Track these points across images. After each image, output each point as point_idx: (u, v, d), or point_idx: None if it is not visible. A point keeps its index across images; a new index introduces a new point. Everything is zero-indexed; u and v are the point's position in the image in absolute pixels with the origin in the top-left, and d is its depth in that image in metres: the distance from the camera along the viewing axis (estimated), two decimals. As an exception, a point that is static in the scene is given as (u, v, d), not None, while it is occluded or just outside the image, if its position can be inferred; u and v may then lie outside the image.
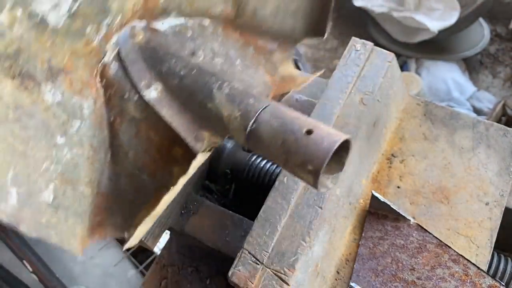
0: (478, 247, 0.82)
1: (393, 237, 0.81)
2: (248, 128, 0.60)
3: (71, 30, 0.65)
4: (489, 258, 0.81)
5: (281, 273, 0.72)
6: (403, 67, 2.67)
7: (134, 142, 0.74)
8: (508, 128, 0.95)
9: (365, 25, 2.89)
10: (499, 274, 0.88)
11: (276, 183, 0.79)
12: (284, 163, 0.60)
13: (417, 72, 2.63)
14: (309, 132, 0.57)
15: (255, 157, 1.06)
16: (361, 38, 0.98)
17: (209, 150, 0.71)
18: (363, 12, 2.77)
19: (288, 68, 0.93)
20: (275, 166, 1.02)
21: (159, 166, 0.73)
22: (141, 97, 0.71)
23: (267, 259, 0.74)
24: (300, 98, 1.08)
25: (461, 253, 0.77)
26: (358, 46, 0.97)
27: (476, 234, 0.83)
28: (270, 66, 0.90)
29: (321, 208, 0.76)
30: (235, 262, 0.73)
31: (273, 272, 0.73)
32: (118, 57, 0.73)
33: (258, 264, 0.73)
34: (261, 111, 0.61)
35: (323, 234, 0.77)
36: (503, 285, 0.73)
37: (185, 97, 0.70)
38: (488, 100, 2.44)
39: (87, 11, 0.65)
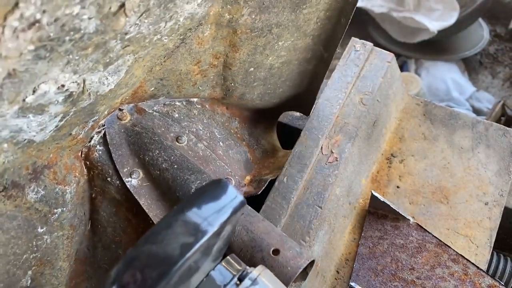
0: (478, 246, 0.82)
1: (393, 237, 0.81)
2: None
3: (57, 137, 0.65)
4: (489, 258, 0.82)
5: (281, 272, 0.72)
6: (402, 67, 2.67)
7: (113, 220, 0.79)
8: (508, 128, 0.96)
9: (365, 25, 2.89)
10: (498, 273, 0.88)
11: (276, 183, 0.79)
12: None
13: (417, 72, 2.63)
14: (276, 252, 0.61)
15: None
16: (360, 38, 0.98)
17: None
18: (363, 12, 2.77)
19: (271, 140, 0.97)
20: (275, 166, 1.02)
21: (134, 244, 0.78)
22: (122, 182, 0.74)
23: (267, 258, 0.74)
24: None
25: (460, 253, 0.77)
26: (357, 46, 0.97)
27: (476, 233, 0.83)
28: (253, 139, 0.93)
29: (320, 207, 0.76)
30: (235, 261, 0.73)
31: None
32: (104, 139, 0.76)
33: (258, 264, 0.73)
34: None
35: (323, 234, 0.78)
36: (502, 284, 0.73)
37: (164, 189, 0.74)
38: (487, 100, 2.45)
39: (74, 121, 0.65)
